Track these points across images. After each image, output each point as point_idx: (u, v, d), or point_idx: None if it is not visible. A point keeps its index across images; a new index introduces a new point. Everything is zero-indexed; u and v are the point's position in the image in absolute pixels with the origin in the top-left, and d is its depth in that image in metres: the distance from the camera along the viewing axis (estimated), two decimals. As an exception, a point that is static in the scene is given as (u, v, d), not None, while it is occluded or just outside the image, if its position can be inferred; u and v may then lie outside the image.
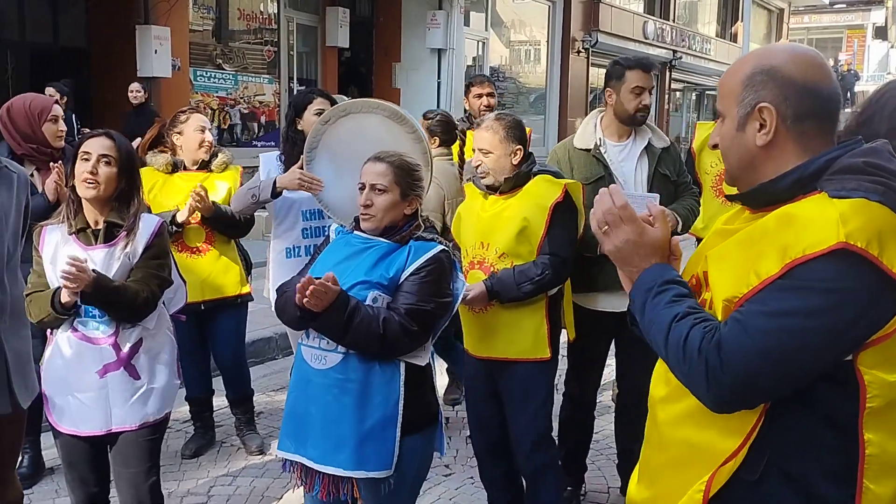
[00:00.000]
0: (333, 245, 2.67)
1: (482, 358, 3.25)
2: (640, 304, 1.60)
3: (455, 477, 4.10)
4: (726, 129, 1.61)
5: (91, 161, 2.64)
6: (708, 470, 1.53)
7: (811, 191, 1.49)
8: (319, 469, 2.48)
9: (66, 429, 2.73)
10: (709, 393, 1.46)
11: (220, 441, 4.50)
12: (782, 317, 1.40)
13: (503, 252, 3.12)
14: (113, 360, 2.69)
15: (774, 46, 1.70)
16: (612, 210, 1.61)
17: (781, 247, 1.42)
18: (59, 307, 2.58)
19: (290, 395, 2.61)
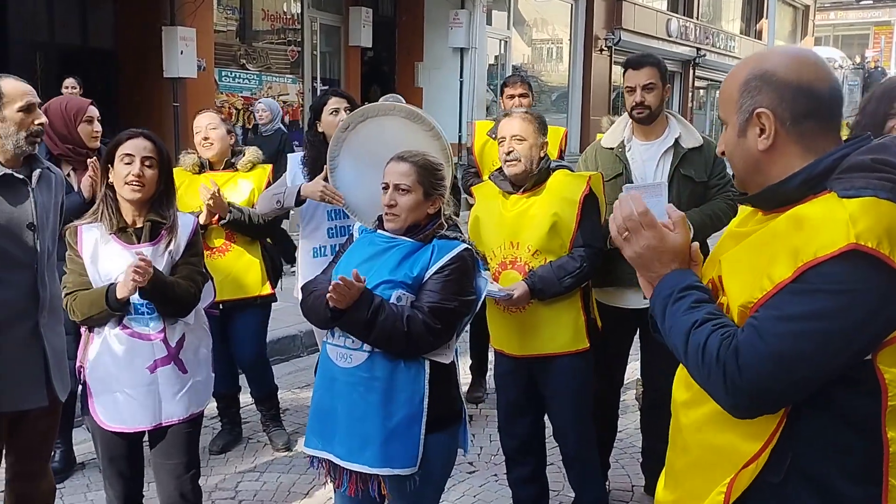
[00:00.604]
0: (357, 244, 2.71)
1: (521, 357, 3.26)
2: (661, 309, 1.62)
3: (479, 474, 4.13)
4: (729, 136, 1.62)
5: (135, 163, 2.69)
6: (730, 472, 1.54)
7: (821, 190, 1.49)
8: (346, 466, 2.52)
9: (114, 427, 2.78)
10: (727, 398, 1.48)
11: (246, 437, 4.57)
12: (796, 321, 1.41)
13: (536, 249, 3.14)
14: (164, 355, 2.76)
15: (770, 50, 1.70)
16: (632, 216, 1.61)
17: (793, 250, 1.42)
18: (114, 303, 2.63)
19: (316, 392, 2.65)
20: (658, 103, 3.53)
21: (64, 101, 3.85)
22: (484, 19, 14.39)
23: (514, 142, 3.17)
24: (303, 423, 4.68)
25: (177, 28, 9.88)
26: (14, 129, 2.80)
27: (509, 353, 3.30)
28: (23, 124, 2.82)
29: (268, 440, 4.49)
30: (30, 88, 2.88)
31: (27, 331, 2.85)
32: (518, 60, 16.80)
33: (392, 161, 2.64)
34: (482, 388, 5.22)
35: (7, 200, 2.81)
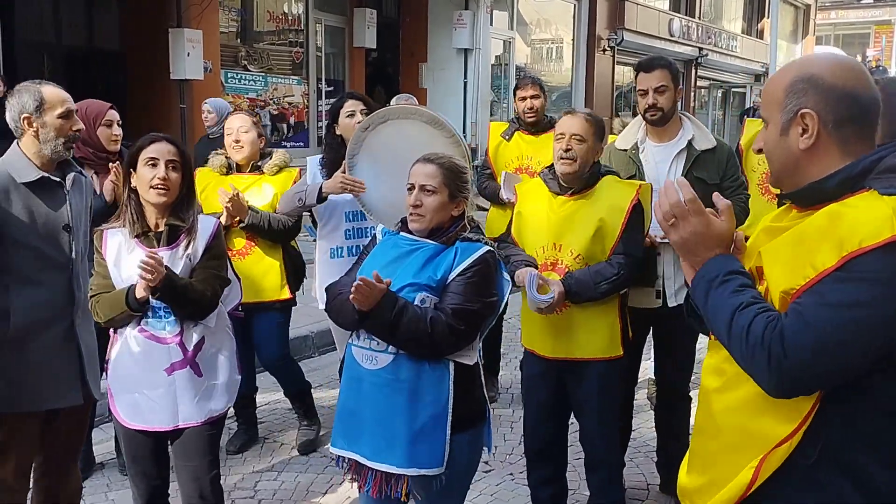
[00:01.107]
0: (381, 246, 2.73)
1: (553, 359, 3.26)
2: (703, 292, 1.67)
3: (495, 473, 4.16)
4: (770, 134, 1.70)
5: (160, 167, 2.72)
6: (760, 453, 1.60)
7: (859, 189, 1.58)
8: (372, 466, 2.54)
9: (134, 425, 2.82)
10: (770, 379, 1.53)
11: (262, 437, 4.60)
12: (840, 308, 1.47)
13: (579, 254, 3.15)
14: (180, 359, 2.78)
15: (816, 55, 1.78)
16: (680, 203, 1.67)
17: (837, 240, 1.50)
18: (133, 303, 2.67)
19: (342, 394, 2.68)
20: (670, 105, 3.56)
21: (84, 105, 3.87)
22: (488, 20, 14.41)
23: (573, 140, 3.14)
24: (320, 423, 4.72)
25: (183, 30, 9.91)
26: (53, 135, 2.90)
27: (542, 353, 3.30)
28: (61, 130, 2.91)
29: (284, 440, 4.53)
30: (68, 95, 2.97)
31: (63, 330, 2.92)
32: (521, 61, 16.82)
33: (418, 162, 2.66)
34: (494, 388, 5.25)
35: (44, 203, 2.89)
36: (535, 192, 3.34)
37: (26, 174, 2.87)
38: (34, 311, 2.85)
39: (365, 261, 2.71)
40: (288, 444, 4.51)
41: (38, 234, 2.85)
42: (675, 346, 3.71)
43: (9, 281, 2.83)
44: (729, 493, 1.65)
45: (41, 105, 2.87)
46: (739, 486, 1.63)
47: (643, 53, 19.95)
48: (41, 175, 2.89)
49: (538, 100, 4.91)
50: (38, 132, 2.88)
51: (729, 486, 1.65)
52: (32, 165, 2.89)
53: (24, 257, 2.85)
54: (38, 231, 2.85)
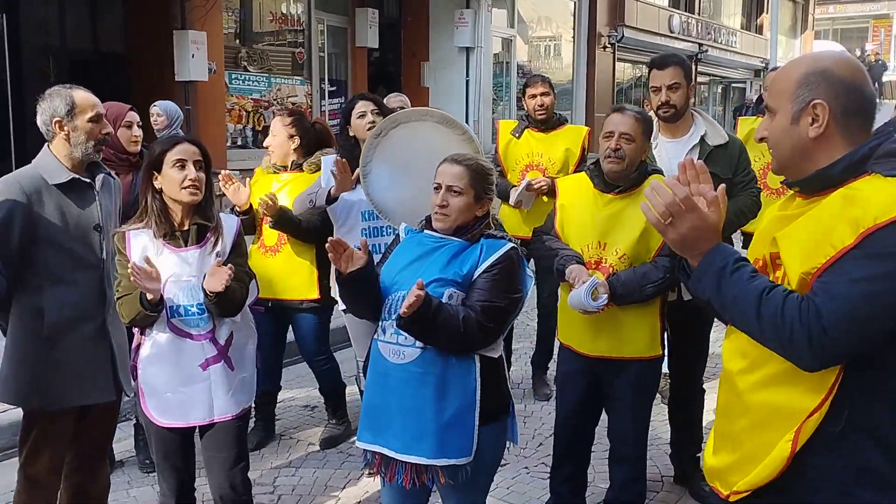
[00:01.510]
0: (404, 244, 2.77)
1: (592, 356, 3.24)
2: (714, 283, 1.74)
3: (510, 467, 4.20)
4: (778, 124, 1.80)
5: (189, 167, 2.77)
6: (791, 426, 1.70)
7: (861, 174, 1.70)
8: (402, 459, 2.58)
9: (168, 423, 2.87)
10: (813, 356, 1.62)
11: (279, 434, 4.65)
12: (865, 282, 1.59)
13: (624, 253, 3.12)
14: (214, 354, 2.84)
15: (824, 52, 1.89)
16: (675, 202, 1.73)
17: (852, 220, 1.61)
18: (147, 304, 2.71)
19: (368, 389, 2.72)
20: (683, 102, 3.60)
21: (105, 106, 3.91)
22: (490, 18, 14.46)
23: (622, 139, 3.11)
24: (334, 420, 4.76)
25: (188, 32, 9.95)
26: (84, 138, 2.98)
27: (582, 351, 3.27)
28: (92, 133, 2.99)
29: (300, 437, 4.58)
30: (98, 100, 3.06)
31: (95, 328, 2.99)
32: (521, 59, 16.87)
33: (446, 162, 2.70)
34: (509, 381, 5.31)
35: (75, 204, 2.97)
36: (579, 187, 3.31)
37: (58, 176, 2.94)
38: (67, 310, 2.92)
39: (389, 259, 2.76)
40: (304, 441, 4.56)
41: (70, 235, 2.92)
42: (691, 340, 3.74)
43: (42, 281, 2.90)
44: (770, 468, 1.73)
45: (72, 109, 2.95)
46: (780, 459, 1.71)
47: (643, 50, 20.02)
48: (72, 177, 2.96)
49: (548, 97, 4.96)
50: (69, 135, 2.96)
51: (768, 460, 1.73)
52: (63, 167, 2.97)
53: (57, 257, 2.92)
54: (70, 231, 2.92)
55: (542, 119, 4.99)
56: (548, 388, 5.26)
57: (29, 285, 2.89)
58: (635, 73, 21.32)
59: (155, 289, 2.68)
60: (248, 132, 11.79)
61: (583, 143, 5.00)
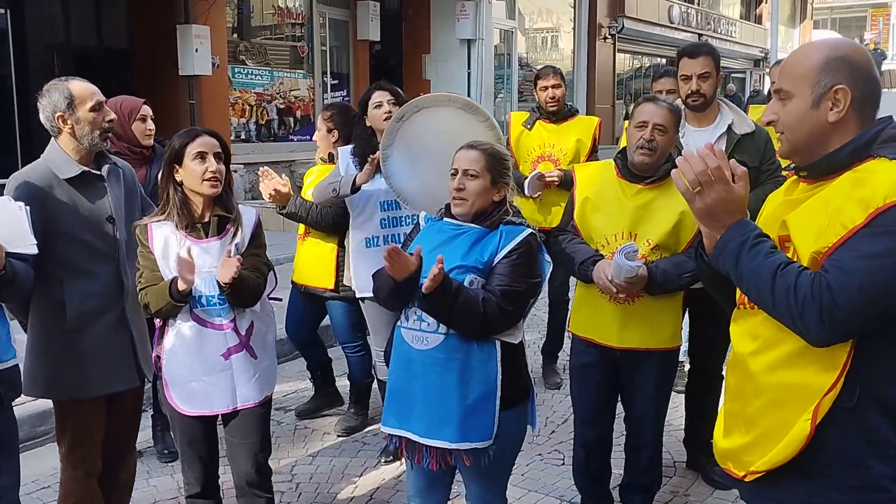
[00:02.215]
0: (425, 232, 2.82)
1: (618, 348, 3.18)
2: (733, 255, 1.79)
3: (524, 454, 4.19)
4: (795, 108, 1.83)
5: (210, 160, 2.81)
6: (807, 405, 1.73)
7: (865, 158, 1.76)
8: (426, 443, 2.64)
9: (192, 411, 2.92)
10: (823, 330, 1.66)
11: (293, 424, 4.70)
12: (875, 258, 1.64)
13: (656, 244, 3.08)
14: (236, 343, 2.89)
15: (839, 39, 1.99)
16: (706, 171, 1.77)
17: (862, 200, 1.67)
18: (177, 295, 2.76)
19: (392, 374, 2.77)
20: (712, 91, 3.61)
21: (119, 100, 3.96)
22: (491, 10, 14.47)
23: (656, 131, 3.05)
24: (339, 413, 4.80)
25: (191, 26, 9.99)
26: (88, 129, 2.97)
27: (606, 343, 3.20)
28: (95, 123, 2.98)
29: (315, 427, 4.64)
30: (95, 88, 3.04)
31: (115, 318, 3.04)
32: (522, 50, 16.89)
33: (462, 149, 2.74)
34: None
35: (86, 197, 2.98)
36: (602, 177, 3.25)
37: (68, 170, 2.96)
38: (87, 302, 2.96)
39: (410, 247, 2.80)
40: (320, 430, 4.62)
41: (85, 227, 2.95)
42: (709, 326, 3.73)
43: (61, 274, 2.94)
44: (791, 447, 1.76)
45: (72, 101, 2.94)
46: (799, 438, 1.75)
47: (644, 41, 20.04)
48: (82, 170, 2.98)
49: (559, 89, 5.00)
50: (73, 129, 2.96)
51: (787, 440, 1.76)
52: (72, 161, 2.98)
53: (74, 250, 2.95)
54: (85, 224, 2.95)
55: (553, 110, 5.03)
56: (558, 377, 5.31)
57: (48, 279, 2.93)
58: (635, 64, 21.34)
59: (191, 280, 2.73)
60: (251, 126, 11.83)
61: (594, 134, 5.03)
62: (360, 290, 3.98)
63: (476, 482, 2.76)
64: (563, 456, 4.24)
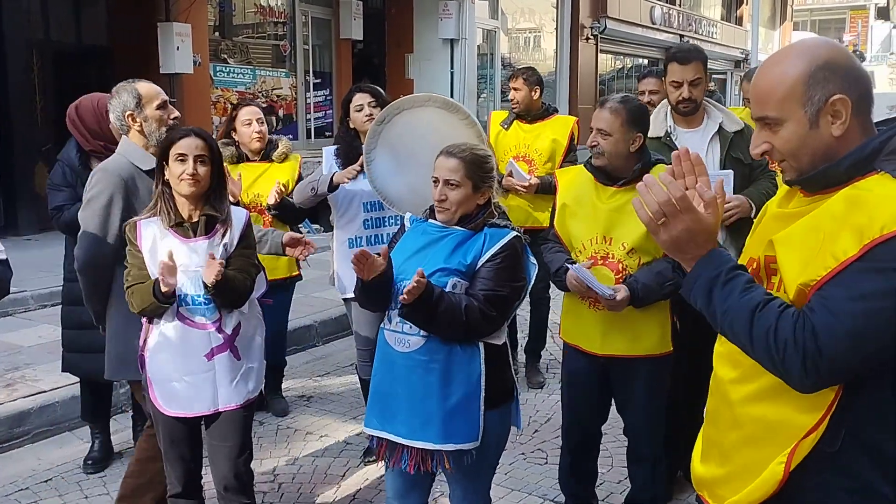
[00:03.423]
0: (410, 233, 2.81)
1: (602, 356, 3.15)
2: (705, 292, 1.62)
3: (507, 454, 4.20)
4: (792, 133, 1.61)
5: (189, 162, 2.80)
6: (786, 444, 1.58)
7: (868, 172, 1.54)
8: (409, 444, 2.63)
9: (175, 411, 2.90)
10: (807, 378, 1.50)
11: (276, 424, 4.68)
12: (868, 300, 1.44)
13: (632, 248, 3.03)
14: (220, 343, 2.87)
15: (808, 41, 1.70)
16: (669, 201, 1.60)
17: (856, 228, 1.46)
18: (160, 296, 2.74)
19: (375, 376, 2.76)
20: (701, 96, 3.57)
21: (95, 98, 3.91)
22: (474, 10, 14.47)
23: (599, 135, 3.05)
24: (329, 409, 4.85)
25: (172, 24, 9.91)
26: (155, 126, 3.17)
27: (589, 350, 3.18)
28: (162, 121, 3.18)
29: (296, 426, 4.62)
30: (160, 88, 3.25)
31: None
32: (504, 50, 16.91)
33: (441, 156, 2.71)
34: (515, 362, 5.40)
35: None
36: (579, 181, 3.22)
37: (146, 162, 3.12)
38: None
39: (395, 248, 2.79)
40: (301, 430, 4.60)
41: None
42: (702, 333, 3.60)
43: None
44: (763, 489, 1.63)
45: (139, 101, 3.14)
46: (772, 481, 1.61)
47: (626, 42, 20.13)
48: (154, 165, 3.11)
49: (519, 92, 5.08)
50: (141, 126, 3.15)
51: (759, 481, 1.63)
52: (147, 154, 3.15)
53: None
54: None
55: (521, 112, 5.10)
56: (541, 376, 5.32)
57: None
58: (617, 65, 21.42)
59: (173, 283, 2.71)
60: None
61: (570, 134, 5.08)
62: (344, 290, 3.97)
63: (459, 483, 2.75)
64: (546, 455, 4.25)
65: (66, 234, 3.95)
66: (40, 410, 4.50)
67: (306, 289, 6.10)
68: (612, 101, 3.08)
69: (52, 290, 6.25)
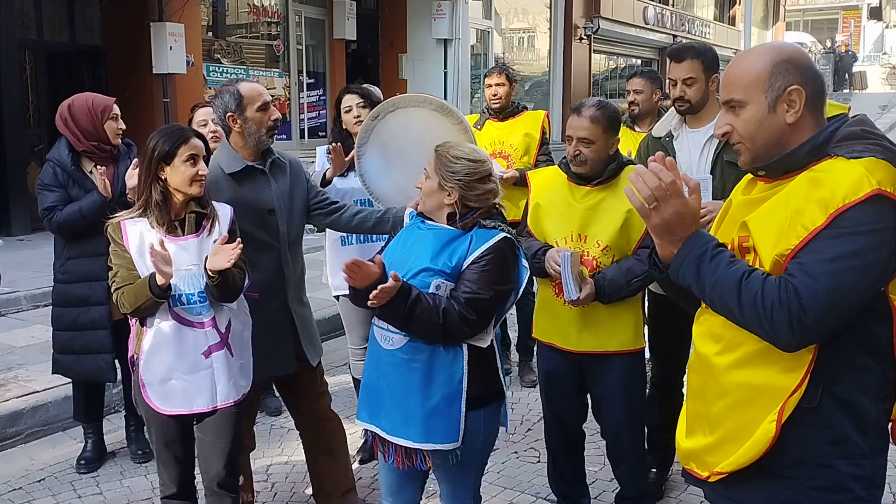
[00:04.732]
0: (405, 230, 2.82)
1: (577, 352, 3.19)
2: (693, 267, 1.79)
3: (499, 452, 4.26)
4: (752, 115, 1.83)
5: (200, 163, 2.82)
6: (771, 405, 1.75)
7: (822, 157, 1.77)
8: (392, 440, 2.65)
9: (171, 410, 2.88)
10: (793, 336, 1.67)
11: (269, 423, 4.69)
12: (839, 260, 1.65)
13: (606, 245, 3.08)
14: (217, 341, 2.87)
15: (775, 43, 1.99)
16: (661, 186, 1.77)
17: (821, 201, 1.67)
18: (157, 290, 2.72)
19: (366, 370, 2.78)
20: (699, 96, 3.46)
21: (89, 98, 3.91)
22: (467, 10, 14.49)
23: (581, 144, 3.06)
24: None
25: (165, 24, 9.92)
26: (255, 128, 3.16)
27: (565, 347, 3.20)
28: (262, 122, 3.18)
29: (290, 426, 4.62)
30: (263, 89, 3.27)
31: (278, 306, 3.25)
32: (498, 50, 16.93)
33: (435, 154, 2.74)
34: (508, 361, 5.48)
35: (249, 191, 3.18)
36: (554, 181, 3.25)
37: (233, 165, 3.17)
38: (251, 290, 3.06)
39: (390, 244, 2.81)
40: (295, 430, 4.54)
41: (248, 220, 3.12)
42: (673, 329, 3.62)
43: None
44: (756, 448, 1.77)
45: (240, 102, 3.12)
46: (765, 439, 1.75)
47: (619, 42, 20.18)
48: (245, 165, 3.18)
49: (502, 88, 5.10)
50: (242, 127, 3.14)
51: (752, 441, 1.77)
52: (238, 157, 3.19)
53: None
54: (247, 217, 3.11)
55: (497, 108, 5.15)
56: (533, 375, 5.32)
57: None
58: (610, 65, 21.47)
59: (169, 272, 2.69)
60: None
61: (542, 127, 5.17)
62: (336, 287, 3.99)
63: (446, 482, 2.77)
64: (538, 453, 4.26)
65: (57, 235, 3.94)
66: (33, 410, 4.51)
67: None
68: (589, 109, 3.09)
69: (44, 291, 6.24)
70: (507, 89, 5.12)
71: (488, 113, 5.21)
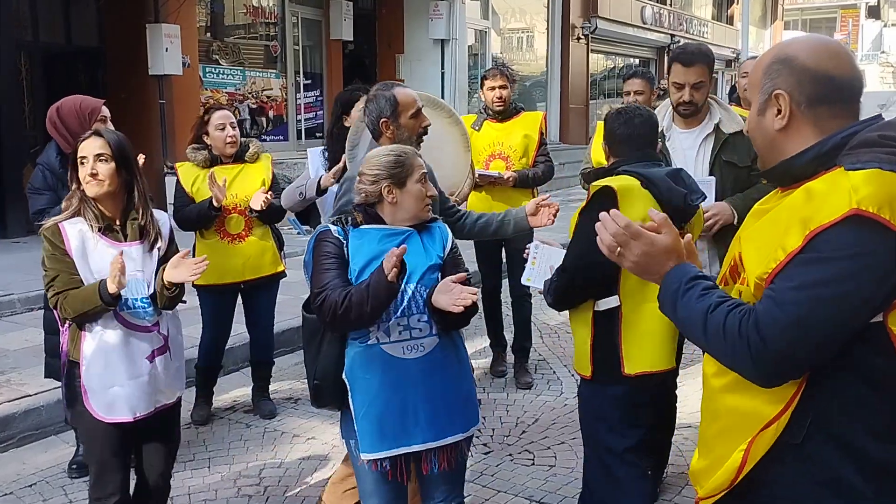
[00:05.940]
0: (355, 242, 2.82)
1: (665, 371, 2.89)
2: (671, 304, 1.72)
3: (494, 455, 4.26)
4: (751, 115, 1.75)
5: (89, 163, 2.77)
6: (751, 434, 1.62)
7: (832, 166, 1.56)
8: (437, 445, 2.63)
9: (114, 418, 2.82)
10: (755, 370, 1.55)
11: (263, 427, 4.67)
12: (808, 288, 1.47)
13: None
14: (160, 345, 2.90)
15: (797, 38, 1.77)
16: (618, 232, 1.73)
17: (803, 221, 1.50)
18: (107, 297, 2.68)
19: (379, 398, 2.59)
20: (704, 99, 3.47)
21: (78, 100, 3.88)
22: (464, 10, 14.47)
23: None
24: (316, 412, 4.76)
25: (161, 25, 9.90)
26: (407, 135, 3.15)
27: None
28: (414, 129, 3.18)
29: (283, 429, 4.61)
30: (417, 95, 3.24)
31: None
32: (495, 50, 16.91)
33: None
34: (504, 362, 5.51)
35: None
36: None
37: None
38: None
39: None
40: (288, 433, 4.59)
41: None
42: None
43: None
44: (722, 477, 1.68)
45: (395, 108, 3.12)
46: (731, 468, 1.65)
47: (617, 41, 20.15)
48: None
49: (506, 90, 5.11)
50: (393, 133, 3.13)
51: (722, 469, 1.68)
52: None
53: None
54: None
55: (500, 110, 5.14)
56: (529, 377, 5.32)
57: None
58: (608, 64, 21.45)
59: (124, 282, 2.67)
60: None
61: (540, 128, 5.19)
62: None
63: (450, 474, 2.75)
64: (532, 456, 4.25)
65: None
66: (25, 414, 4.48)
67: (294, 290, 6.07)
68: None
69: (39, 293, 6.19)
70: (510, 91, 5.14)
71: (486, 114, 5.20)
